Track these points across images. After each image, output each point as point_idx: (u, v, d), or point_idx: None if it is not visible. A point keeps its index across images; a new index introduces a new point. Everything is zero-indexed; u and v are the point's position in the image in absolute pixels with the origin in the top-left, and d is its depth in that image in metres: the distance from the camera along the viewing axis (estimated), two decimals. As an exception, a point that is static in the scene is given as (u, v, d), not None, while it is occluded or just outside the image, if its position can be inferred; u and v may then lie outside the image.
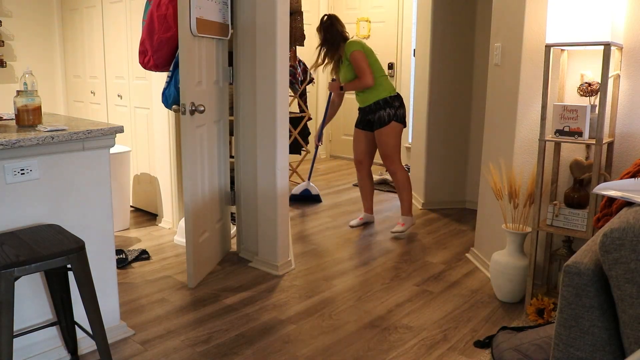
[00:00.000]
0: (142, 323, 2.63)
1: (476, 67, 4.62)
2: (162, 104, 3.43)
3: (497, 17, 3.21)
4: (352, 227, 4.17)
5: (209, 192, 3.25)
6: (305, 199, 4.95)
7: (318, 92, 7.08)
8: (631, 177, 2.00)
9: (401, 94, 3.96)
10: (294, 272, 3.28)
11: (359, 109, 4.01)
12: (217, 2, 3.09)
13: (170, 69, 3.28)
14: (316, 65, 4.02)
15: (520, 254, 2.83)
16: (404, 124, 3.89)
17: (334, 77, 4.09)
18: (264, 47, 3.13)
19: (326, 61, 3.97)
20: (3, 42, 4.82)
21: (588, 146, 2.73)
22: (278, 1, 3.02)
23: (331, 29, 3.88)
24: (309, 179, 5.07)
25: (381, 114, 3.81)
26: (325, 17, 3.94)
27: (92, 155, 2.28)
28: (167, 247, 3.70)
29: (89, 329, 2.03)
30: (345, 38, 3.89)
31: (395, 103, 3.83)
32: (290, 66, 5.10)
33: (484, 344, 2.43)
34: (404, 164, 6.42)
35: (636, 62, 2.55)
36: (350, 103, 7.02)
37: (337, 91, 4.09)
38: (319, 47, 3.96)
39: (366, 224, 4.24)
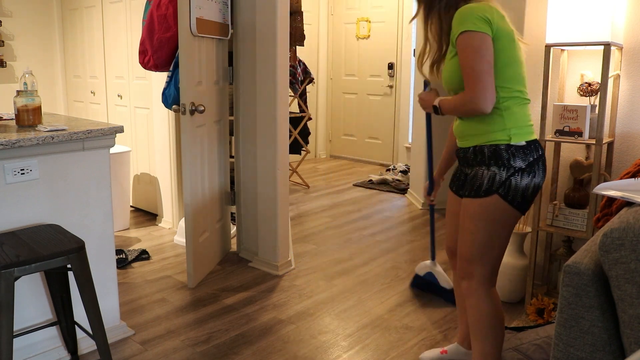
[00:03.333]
0: (142, 323, 2.63)
1: (476, 67, 4.61)
2: (162, 104, 3.43)
3: (497, 17, 3.21)
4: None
5: (209, 192, 3.25)
6: (429, 288, 3.00)
7: (318, 92, 7.08)
8: (631, 177, 2.00)
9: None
10: (294, 272, 3.28)
11: (459, 149, 2.03)
12: (217, 2, 3.09)
13: (170, 69, 3.28)
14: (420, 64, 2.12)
15: (520, 254, 2.83)
16: (520, 208, 1.87)
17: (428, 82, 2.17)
18: (264, 47, 3.13)
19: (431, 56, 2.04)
20: (3, 42, 4.82)
21: (588, 146, 2.73)
22: (278, 1, 3.02)
23: None
24: (433, 259, 3.02)
25: (484, 174, 1.86)
26: None
27: (92, 155, 2.27)
28: (167, 247, 3.70)
29: (89, 329, 2.03)
30: None
31: (520, 157, 1.83)
32: (290, 66, 5.10)
33: (484, 344, 2.42)
34: (404, 164, 6.26)
35: (636, 62, 2.55)
36: (350, 103, 7.05)
37: (430, 108, 2.11)
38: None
39: None
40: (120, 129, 2.32)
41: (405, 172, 5.84)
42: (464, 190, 1.94)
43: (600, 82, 2.46)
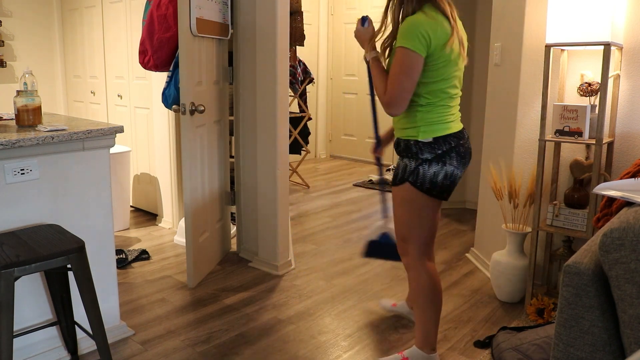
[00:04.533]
0: (142, 323, 2.63)
1: (476, 67, 4.62)
2: (162, 104, 3.43)
3: (497, 17, 3.21)
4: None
5: (209, 192, 3.25)
6: (386, 252, 2.72)
7: (318, 92, 7.08)
8: (631, 177, 2.00)
9: None
10: (294, 272, 3.28)
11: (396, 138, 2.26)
12: (217, 2, 3.09)
13: (170, 69, 3.28)
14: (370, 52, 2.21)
15: (520, 254, 2.83)
16: (431, 192, 2.09)
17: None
18: (264, 47, 3.13)
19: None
20: (3, 42, 4.82)
21: (588, 146, 2.73)
22: (278, 1, 3.02)
23: None
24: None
25: (406, 165, 2.13)
26: None
27: (92, 155, 2.28)
28: (167, 247, 3.70)
29: (89, 329, 2.03)
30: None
31: (438, 149, 2.07)
32: (290, 66, 5.10)
33: (484, 344, 2.43)
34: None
35: (636, 62, 2.55)
36: (350, 103, 7.04)
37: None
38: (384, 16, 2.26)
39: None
40: (120, 129, 2.32)
41: (405, 172, 5.82)
42: (395, 182, 2.18)
43: (600, 82, 2.46)
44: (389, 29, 2.14)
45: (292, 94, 5.41)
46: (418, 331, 2.24)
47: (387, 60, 2.13)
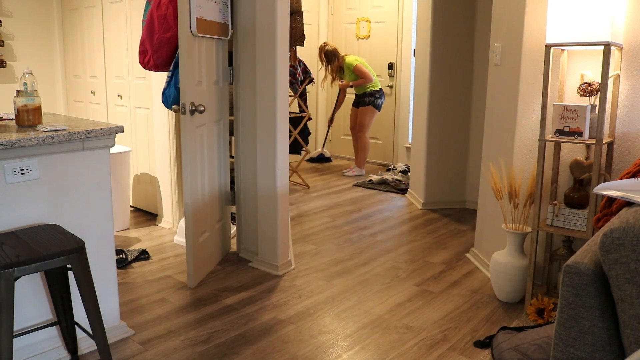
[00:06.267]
0: (142, 323, 2.63)
1: (476, 67, 4.62)
2: (162, 104, 3.43)
3: (497, 17, 3.21)
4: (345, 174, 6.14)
5: (209, 192, 3.25)
6: (320, 160, 6.87)
7: (318, 92, 7.08)
8: (631, 177, 2.00)
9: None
10: (294, 272, 3.28)
11: (356, 95, 6.09)
12: (217, 2, 3.09)
13: (170, 69, 3.28)
14: (332, 80, 6.12)
15: (520, 254, 2.83)
16: (378, 109, 6.00)
17: (341, 80, 6.11)
18: (264, 47, 3.13)
19: (334, 75, 6.06)
20: (3, 42, 4.82)
21: (588, 146, 2.73)
22: (278, 1, 3.02)
23: (329, 53, 5.91)
24: (323, 146, 6.96)
25: (366, 99, 5.93)
26: (321, 48, 5.98)
27: (92, 155, 2.28)
28: (167, 247, 3.70)
29: (89, 329, 2.03)
30: (337, 54, 5.94)
31: (376, 95, 5.92)
32: (290, 66, 5.10)
33: (484, 344, 2.43)
34: (404, 164, 6.43)
35: (636, 62, 2.55)
36: (351, 103, 7.05)
37: (346, 87, 6.19)
38: (327, 67, 6.03)
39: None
40: (120, 129, 2.32)
41: (405, 172, 5.84)
42: (359, 105, 6.01)
43: (600, 82, 2.46)
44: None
45: (292, 94, 5.41)
46: (361, 160, 6.12)
47: (344, 74, 6.04)
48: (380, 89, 5.93)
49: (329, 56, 5.90)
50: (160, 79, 3.74)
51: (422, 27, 4.75)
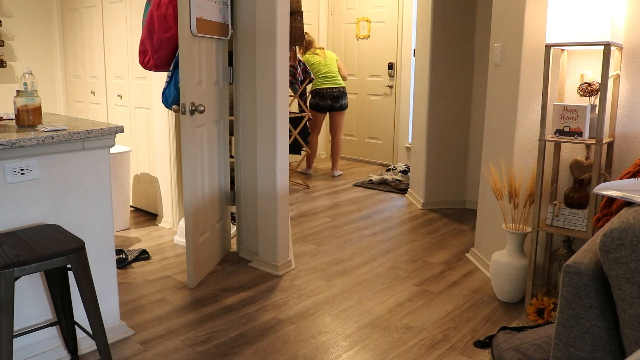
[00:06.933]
0: (142, 323, 2.63)
1: (476, 67, 4.62)
2: (162, 104, 3.43)
3: (497, 17, 3.21)
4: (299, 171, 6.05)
5: (209, 192, 3.25)
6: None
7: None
8: (631, 177, 2.00)
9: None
10: (294, 272, 3.28)
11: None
12: (217, 2, 3.09)
13: (170, 69, 3.28)
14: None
15: (520, 254, 2.83)
16: (316, 110, 5.85)
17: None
18: (264, 47, 3.13)
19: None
20: (3, 42, 4.82)
21: (588, 146, 2.73)
22: (278, 1, 3.02)
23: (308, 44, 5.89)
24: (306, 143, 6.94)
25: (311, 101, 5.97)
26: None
27: (92, 155, 2.28)
28: (167, 247, 3.70)
29: (89, 329, 2.03)
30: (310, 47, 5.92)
31: (314, 94, 5.88)
32: (290, 66, 5.10)
33: (484, 344, 2.43)
34: (404, 164, 6.43)
35: (636, 62, 2.55)
36: (350, 103, 7.06)
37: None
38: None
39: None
40: (120, 129, 2.32)
41: (405, 172, 5.84)
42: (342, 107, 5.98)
43: (600, 82, 2.46)
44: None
45: (292, 94, 5.41)
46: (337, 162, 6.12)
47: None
48: (323, 89, 5.71)
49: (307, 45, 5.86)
50: (160, 79, 3.74)
51: (422, 27, 4.76)
